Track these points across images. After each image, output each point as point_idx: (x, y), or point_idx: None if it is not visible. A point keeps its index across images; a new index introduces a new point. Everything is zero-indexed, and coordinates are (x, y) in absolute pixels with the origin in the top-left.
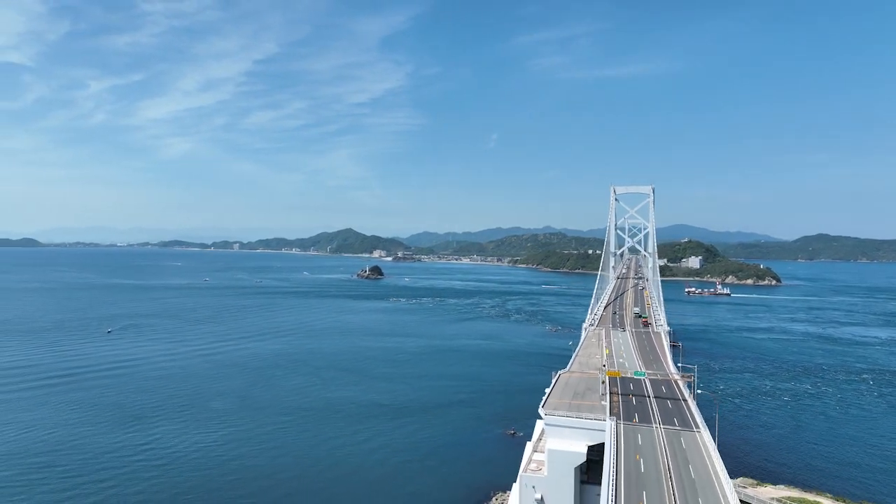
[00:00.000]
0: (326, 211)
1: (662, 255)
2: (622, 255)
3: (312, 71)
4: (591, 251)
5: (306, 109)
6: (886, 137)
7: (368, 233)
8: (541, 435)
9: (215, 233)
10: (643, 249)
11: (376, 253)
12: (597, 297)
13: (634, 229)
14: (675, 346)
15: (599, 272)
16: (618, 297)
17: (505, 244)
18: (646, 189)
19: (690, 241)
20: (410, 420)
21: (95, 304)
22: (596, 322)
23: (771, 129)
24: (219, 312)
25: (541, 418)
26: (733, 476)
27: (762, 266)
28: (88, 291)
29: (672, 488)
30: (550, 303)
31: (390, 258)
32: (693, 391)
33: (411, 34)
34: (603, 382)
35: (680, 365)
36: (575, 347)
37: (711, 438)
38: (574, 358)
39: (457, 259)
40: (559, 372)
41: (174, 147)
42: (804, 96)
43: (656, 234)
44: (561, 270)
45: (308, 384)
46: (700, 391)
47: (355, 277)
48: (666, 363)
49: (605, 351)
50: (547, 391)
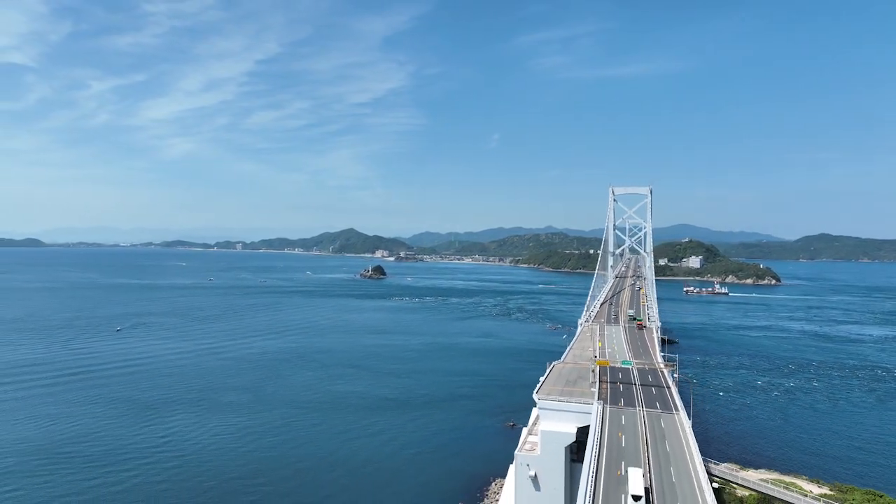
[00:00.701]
0: (329, 211)
1: (663, 255)
2: (622, 255)
3: (314, 71)
4: (593, 251)
5: (308, 109)
6: (888, 137)
7: (371, 233)
8: (535, 420)
9: (218, 233)
10: (642, 249)
11: (379, 253)
12: (593, 296)
13: (635, 229)
14: (673, 343)
15: (596, 271)
16: (615, 296)
17: (507, 244)
18: (644, 190)
19: (691, 241)
20: (416, 413)
21: (103, 304)
22: (591, 318)
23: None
24: (225, 311)
25: (536, 404)
26: (719, 462)
27: (762, 266)
28: (95, 291)
29: (648, 460)
30: (551, 302)
31: (393, 258)
32: (675, 378)
33: (413, 34)
34: (593, 371)
35: (664, 355)
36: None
37: (688, 419)
38: (568, 350)
39: (459, 259)
40: (553, 363)
41: (176, 147)
42: (806, 96)
43: (658, 235)
44: (562, 270)
45: (316, 379)
46: (677, 375)
47: (358, 277)
48: (654, 355)
49: (599, 344)
50: (541, 379)
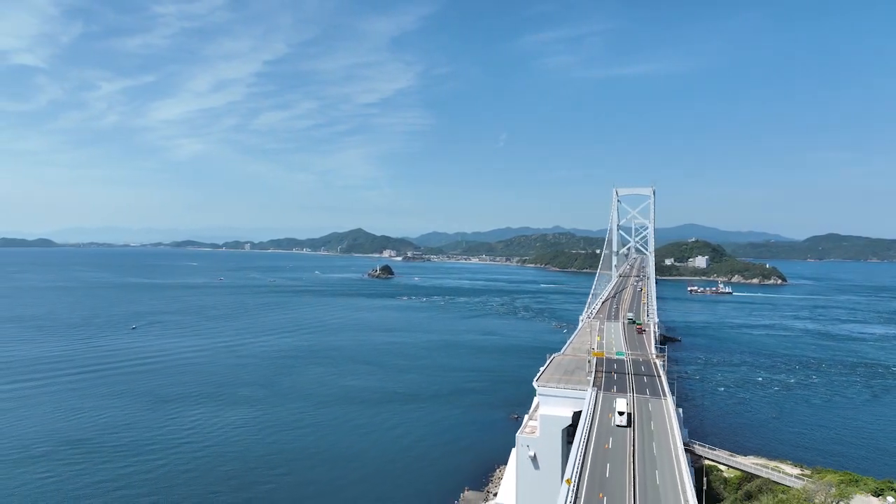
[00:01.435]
0: (336, 211)
1: (669, 255)
2: (627, 255)
3: (322, 71)
4: (599, 251)
5: (316, 110)
6: None
7: (378, 233)
8: (536, 406)
9: (226, 233)
10: (645, 249)
11: (386, 253)
12: (595, 294)
13: (640, 229)
14: (676, 341)
15: (598, 271)
16: (616, 294)
17: (514, 244)
18: (647, 191)
19: (697, 241)
20: (424, 406)
21: (117, 302)
22: (592, 314)
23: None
24: (237, 310)
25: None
26: (714, 449)
27: (769, 266)
28: (108, 290)
29: (634, 436)
30: (557, 301)
31: (400, 258)
32: (664, 367)
33: (421, 34)
34: (589, 361)
35: (658, 347)
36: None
37: (673, 403)
38: (568, 343)
39: (466, 259)
40: (553, 354)
41: (185, 148)
42: (816, 94)
43: (665, 235)
44: (569, 270)
45: (329, 375)
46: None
47: (366, 277)
48: (648, 347)
49: (598, 338)
50: (542, 369)
